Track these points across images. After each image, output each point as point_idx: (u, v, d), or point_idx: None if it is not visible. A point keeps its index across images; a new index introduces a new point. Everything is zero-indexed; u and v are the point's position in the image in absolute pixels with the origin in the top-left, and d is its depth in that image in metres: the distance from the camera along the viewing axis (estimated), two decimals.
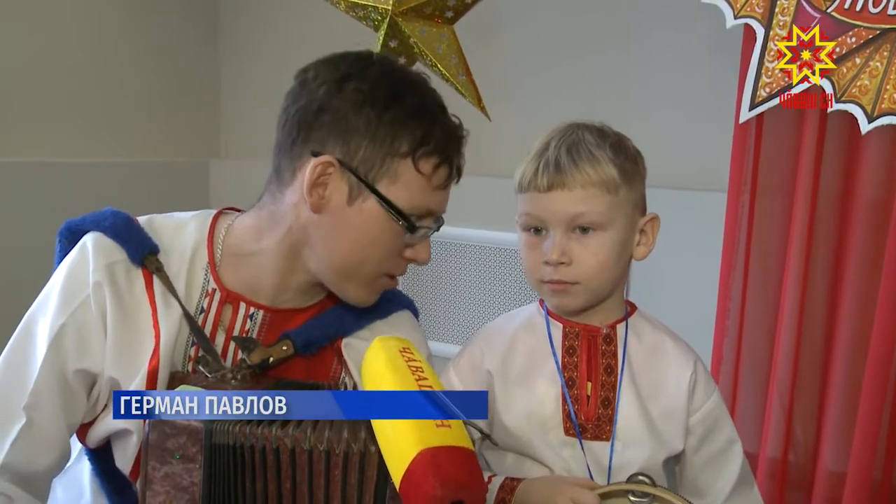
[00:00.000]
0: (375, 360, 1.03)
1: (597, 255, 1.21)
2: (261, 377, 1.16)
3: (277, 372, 1.19)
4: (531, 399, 1.25)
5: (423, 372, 1.00)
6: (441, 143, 1.18)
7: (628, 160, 1.23)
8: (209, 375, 1.11)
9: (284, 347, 1.20)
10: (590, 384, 1.24)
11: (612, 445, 1.23)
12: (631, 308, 1.32)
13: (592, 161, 1.20)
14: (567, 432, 1.23)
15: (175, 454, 1.01)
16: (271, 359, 1.18)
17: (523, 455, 1.24)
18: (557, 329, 1.28)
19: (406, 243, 1.20)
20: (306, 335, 1.22)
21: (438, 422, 0.93)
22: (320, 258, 1.20)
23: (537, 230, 1.24)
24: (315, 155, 1.16)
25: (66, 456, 1.20)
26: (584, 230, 1.21)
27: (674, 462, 1.30)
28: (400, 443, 0.92)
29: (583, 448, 1.22)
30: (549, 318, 1.29)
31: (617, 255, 1.23)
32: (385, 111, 1.16)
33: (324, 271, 1.21)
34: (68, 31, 2.98)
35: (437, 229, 1.25)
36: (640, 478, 1.15)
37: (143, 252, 1.19)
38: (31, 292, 1.23)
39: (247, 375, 1.13)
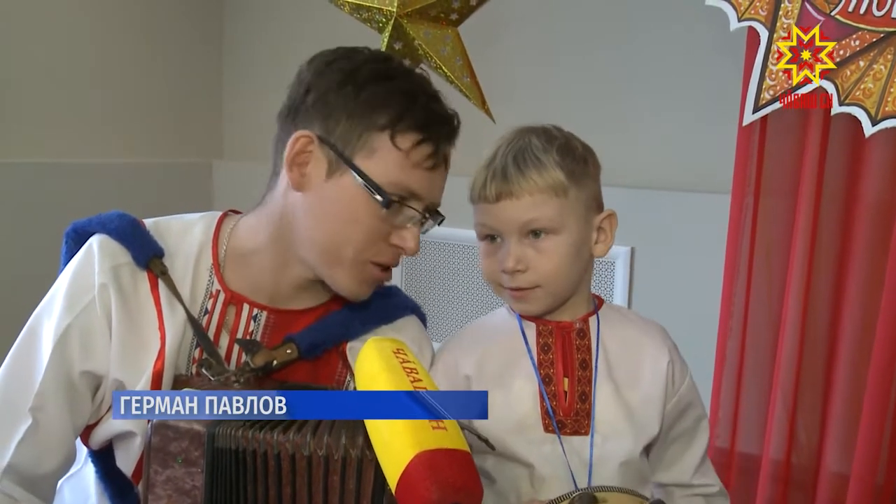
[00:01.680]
0: (369, 361, 1.02)
1: (552, 258, 1.22)
2: (264, 380, 1.16)
3: (281, 375, 1.19)
4: (508, 399, 1.25)
5: (417, 373, 0.99)
6: (422, 120, 1.16)
7: (577, 161, 1.23)
8: (212, 379, 1.11)
9: (288, 350, 1.19)
10: (566, 380, 1.25)
11: (592, 439, 1.23)
12: (599, 301, 1.32)
13: (538, 166, 1.20)
14: (546, 429, 1.23)
15: (177, 458, 1.01)
16: (275, 362, 1.17)
17: (503, 457, 1.24)
18: (531, 328, 1.28)
19: (392, 226, 1.18)
20: (310, 338, 1.21)
21: (434, 424, 0.92)
22: (304, 241, 1.19)
23: (493, 238, 1.25)
24: None
25: (71, 458, 1.20)
26: (538, 234, 1.22)
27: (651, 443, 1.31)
28: (396, 446, 0.91)
29: (562, 444, 1.22)
30: (522, 317, 1.29)
31: (573, 256, 1.23)
32: (364, 89, 1.16)
33: (310, 257, 1.20)
34: (71, 33, 2.98)
35: (438, 222, 1.24)
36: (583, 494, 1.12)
37: (147, 255, 1.19)
38: (35, 293, 1.24)
39: (250, 379, 1.13)
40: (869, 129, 1.80)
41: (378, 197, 1.14)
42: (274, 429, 1.00)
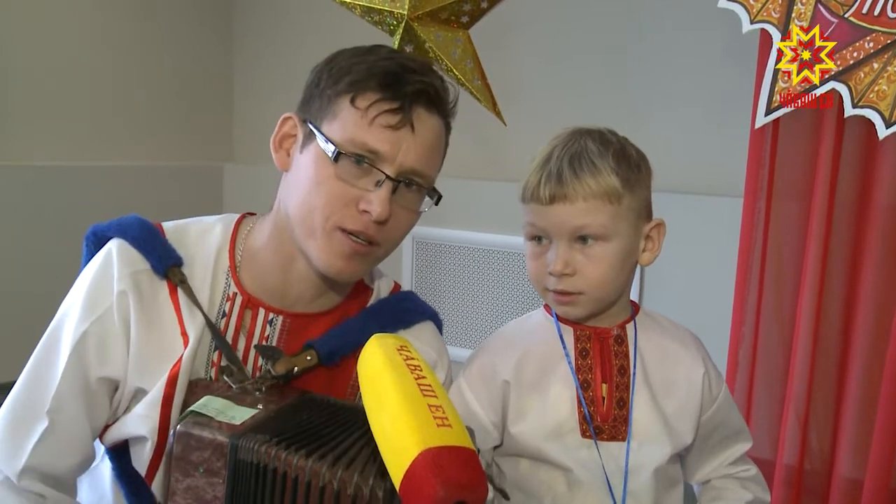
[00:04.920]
0: (373, 358, 1.02)
1: (600, 265, 1.22)
2: (284, 388, 1.16)
3: (299, 382, 1.19)
4: (546, 403, 1.25)
5: (421, 371, 0.99)
6: (382, 81, 1.15)
7: (631, 168, 1.23)
8: (233, 386, 1.11)
9: (308, 357, 1.19)
10: (605, 386, 1.25)
11: (629, 445, 1.23)
12: (636, 308, 1.32)
13: (594, 172, 1.20)
14: (584, 434, 1.23)
15: (199, 467, 1.00)
16: (296, 369, 1.17)
17: (539, 460, 1.24)
18: (569, 333, 1.28)
19: (361, 188, 1.16)
20: (330, 345, 1.22)
21: (439, 421, 0.92)
22: (289, 219, 1.20)
23: (541, 239, 1.25)
24: None
25: (90, 457, 1.21)
26: (587, 240, 1.21)
27: (683, 452, 1.32)
28: (401, 443, 0.91)
29: (599, 450, 1.22)
30: (559, 322, 1.29)
31: (620, 264, 1.23)
32: (336, 66, 1.19)
33: (294, 235, 1.20)
34: (83, 36, 2.99)
35: (434, 200, 1.23)
36: None
37: (166, 265, 1.19)
38: (45, 295, 1.25)
39: (271, 386, 1.13)
40: (883, 132, 1.79)
41: (328, 152, 1.15)
42: (298, 450, 0.99)
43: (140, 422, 1.15)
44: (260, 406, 1.07)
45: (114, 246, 1.20)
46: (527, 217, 1.26)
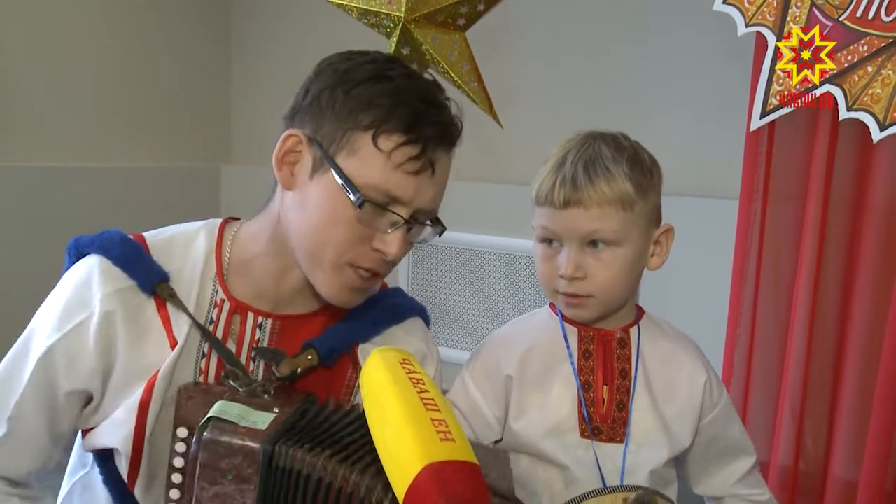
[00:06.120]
0: (376, 372, 1.01)
1: (611, 269, 1.22)
2: (289, 389, 1.15)
3: (299, 382, 1.19)
4: (547, 402, 1.26)
5: (424, 384, 0.98)
6: (407, 122, 1.12)
7: (644, 174, 1.23)
8: (240, 390, 1.10)
9: (309, 357, 1.19)
10: (606, 388, 1.25)
11: (626, 447, 1.23)
12: (640, 312, 1.33)
13: (608, 177, 1.20)
14: (582, 434, 1.24)
15: (227, 475, 0.99)
16: (299, 369, 1.17)
17: (538, 458, 1.25)
18: (573, 333, 1.29)
19: (375, 229, 1.15)
20: (329, 344, 1.21)
21: (443, 435, 0.91)
22: (293, 240, 1.18)
23: (552, 242, 1.25)
24: None
25: (50, 461, 1.22)
26: (599, 245, 1.22)
27: (682, 456, 1.32)
28: (404, 457, 0.90)
29: (596, 450, 1.23)
30: (564, 322, 1.29)
31: (630, 269, 1.24)
32: (354, 89, 1.14)
33: (299, 257, 1.19)
34: (82, 38, 3.00)
35: (438, 233, 1.22)
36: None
37: (153, 282, 1.18)
38: (41, 296, 1.24)
39: (277, 388, 1.13)
40: (877, 135, 1.80)
41: (352, 196, 1.12)
42: (344, 461, 0.98)
43: (116, 428, 1.14)
44: (276, 410, 1.05)
45: (94, 263, 1.18)
46: (539, 220, 1.26)
